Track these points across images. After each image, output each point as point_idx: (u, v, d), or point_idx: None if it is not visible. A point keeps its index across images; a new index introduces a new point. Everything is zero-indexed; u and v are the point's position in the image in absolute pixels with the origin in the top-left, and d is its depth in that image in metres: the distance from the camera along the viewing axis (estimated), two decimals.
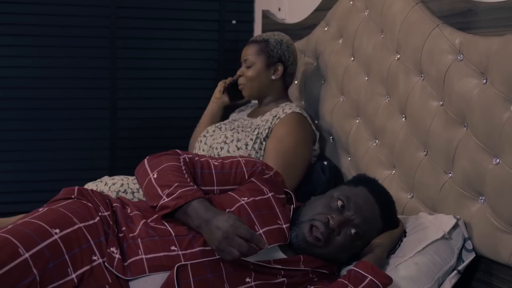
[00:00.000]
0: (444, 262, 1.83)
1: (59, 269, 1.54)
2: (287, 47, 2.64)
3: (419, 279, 1.78)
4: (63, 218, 1.64)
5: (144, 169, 1.89)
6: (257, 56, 2.62)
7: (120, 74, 3.33)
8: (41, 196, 3.07)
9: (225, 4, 3.47)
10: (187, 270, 1.64)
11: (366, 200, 1.83)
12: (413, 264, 1.80)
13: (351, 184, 1.90)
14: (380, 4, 2.35)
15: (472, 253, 1.87)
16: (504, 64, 1.74)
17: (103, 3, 3.27)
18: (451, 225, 1.86)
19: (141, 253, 1.65)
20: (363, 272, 1.71)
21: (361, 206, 1.81)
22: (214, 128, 2.65)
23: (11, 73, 3.17)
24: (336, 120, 2.59)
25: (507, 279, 1.78)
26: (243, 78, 2.66)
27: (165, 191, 1.77)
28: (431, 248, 1.84)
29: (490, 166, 1.79)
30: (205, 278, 1.65)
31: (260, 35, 2.70)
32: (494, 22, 1.84)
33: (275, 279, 1.73)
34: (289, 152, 2.46)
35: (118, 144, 3.36)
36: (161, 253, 1.66)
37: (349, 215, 1.80)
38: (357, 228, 1.80)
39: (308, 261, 1.80)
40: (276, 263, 1.75)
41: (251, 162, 1.95)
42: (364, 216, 1.81)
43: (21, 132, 3.21)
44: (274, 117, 2.54)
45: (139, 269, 1.63)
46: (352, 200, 1.81)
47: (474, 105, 1.85)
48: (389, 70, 2.26)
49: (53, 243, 1.56)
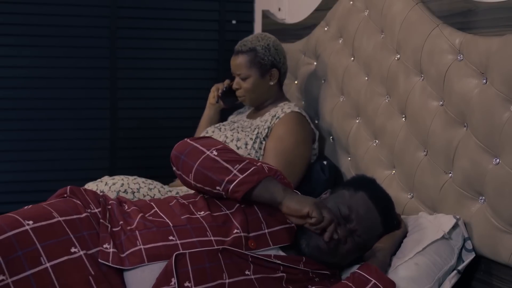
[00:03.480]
0: (444, 262, 1.82)
1: (29, 257, 1.53)
2: (275, 50, 2.61)
3: (420, 279, 1.78)
4: (40, 212, 1.64)
5: (195, 147, 1.85)
6: (249, 68, 2.59)
7: (120, 74, 3.33)
8: (41, 196, 3.05)
9: (225, 4, 3.47)
10: (185, 259, 1.63)
11: (367, 208, 1.84)
12: (414, 264, 1.80)
13: (351, 189, 1.89)
14: (380, 4, 2.35)
15: (472, 253, 1.87)
16: (504, 64, 1.74)
17: (103, 3, 3.27)
18: (451, 225, 1.86)
19: (139, 244, 1.65)
20: (366, 275, 1.72)
21: (362, 216, 1.83)
22: (214, 129, 2.65)
23: (11, 73, 3.16)
24: (336, 120, 2.59)
25: (507, 279, 1.78)
26: (242, 90, 2.64)
27: (236, 166, 1.78)
28: (431, 248, 1.84)
29: (490, 166, 1.79)
30: (203, 267, 1.64)
31: (244, 43, 2.62)
32: (494, 22, 1.84)
33: (274, 273, 1.73)
34: (289, 152, 2.47)
35: (118, 144, 3.36)
36: (159, 243, 1.66)
37: (351, 227, 1.81)
38: (360, 238, 1.81)
39: (309, 263, 1.80)
40: (276, 259, 1.75)
41: (272, 170, 1.91)
42: (366, 225, 1.82)
43: (21, 132, 3.21)
44: (273, 117, 2.54)
45: (138, 259, 1.62)
46: (354, 211, 1.82)
47: (474, 105, 1.85)
48: (389, 70, 2.26)
49: (23, 233, 1.56)
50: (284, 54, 2.66)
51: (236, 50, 2.64)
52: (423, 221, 1.94)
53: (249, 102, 2.69)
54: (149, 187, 2.38)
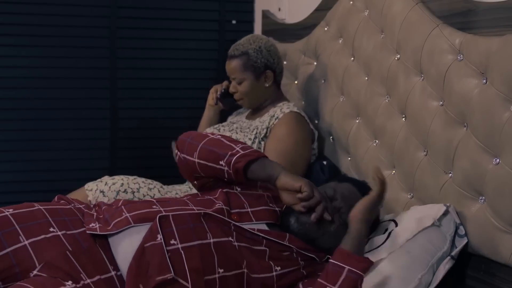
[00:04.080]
0: (437, 249, 1.84)
1: (8, 236, 1.63)
2: (267, 51, 2.61)
3: (413, 266, 1.79)
4: (23, 204, 1.75)
5: (200, 133, 2.01)
6: (243, 72, 2.59)
7: (120, 74, 3.33)
8: (41, 196, 3.06)
9: (225, 4, 3.46)
10: (169, 220, 1.71)
11: (350, 190, 1.93)
12: (406, 252, 1.82)
13: (336, 181, 1.99)
14: (380, 4, 2.35)
15: (465, 239, 1.88)
16: (504, 64, 1.74)
17: (103, 3, 3.27)
18: (441, 212, 1.88)
19: (124, 214, 1.75)
20: (339, 264, 1.67)
21: (346, 195, 1.90)
22: (213, 130, 2.66)
23: (11, 73, 3.16)
24: (336, 120, 2.59)
25: (507, 279, 1.78)
26: (239, 94, 2.65)
27: (238, 145, 1.90)
28: (422, 236, 1.85)
29: (490, 166, 1.79)
30: (187, 227, 1.71)
31: (237, 48, 2.62)
32: (494, 22, 1.84)
33: (257, 246, 1.77)
34: (290, 152, 2.47)
35: (118, 144, 3.36)
36: (144, 210, 1.76)
37: (336, 204, 1.87)
38: (345, 215, 1.83)
39: (294, 240, 1.83)
40: (260, 232, 1.80)
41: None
42: (351, 205, 1.83)
43: (21, 132, 3.21)
44: (272, 117, 2.55)
45: (124, 222, 1.71)
46: (339, 192, 1.90)
47: (474, 105, 1.85)
48: (389, 70, 2.26)
49: (3, 217, 1.67)
50: (278, 54, 2.66)
51: (229, 54, 2.65)
52: (414, 212, 1.97)
53: (248, 105, 2.69)
54: (149, 187, 2.38)
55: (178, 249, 1.67)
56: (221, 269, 1.69)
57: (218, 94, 2.79)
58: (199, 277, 1.66)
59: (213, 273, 1.68)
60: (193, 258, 1.67)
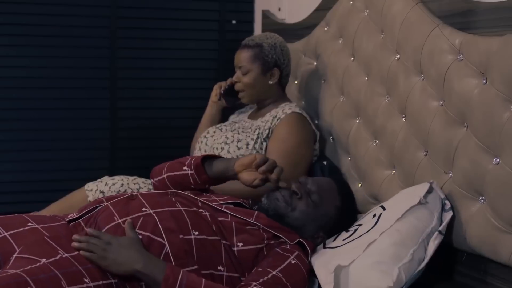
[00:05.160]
0: (425, 225, 1.87)
1: None
2: (281, 50, 2.62)
3: (404, 243, 1.82)
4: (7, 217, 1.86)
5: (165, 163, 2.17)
6: (252, 62, 2.60)
7: (120, 74, 3.33)
8: (41, 196, 3.08)
9: (225, 4, 3.46)
10: (138, 198, 1.87)
11: (327, 180, 2.06)
12: (395, 231, 1.85)
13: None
14: (380, 4, 2.35)
15: (450, 212, 1.91)
16: (504, 64, 1.74)
17: (103, 3, 3.26)
18: (425, 190, 1.92)
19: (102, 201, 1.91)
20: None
21: (319, 181, 2.03)
22: (215, 129, 2.65)
23: (11, 73, 3.16)
24: (336, 120, 2.59)
25: (507, 279, 1.78)
26: (241, 84, 2.64)
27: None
28: (410, 215, 1.88)
29: (490, 166, 1.79)
30: (156, 200, 1.87)
31: (252, 39, 2.65)
32: (494, 22, 1.85)
33: (223, 217, 1.88)
34: (292, 152, 2.47)
35: (118, 144, 3.36)
36: (118, 196, 1.92)
37: (307, 187, 1.99)
38: (315, 195, 1.97)
39: (261, 218, 1.91)
40: (226, 209, 1.91)
41: None
42: (322, 189, 1.99)
43: (21, 132, 3.21)
44: (274, 117, 2.54)
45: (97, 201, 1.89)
46: (315, 179, 2.04)
47: (474, 105, 1.85)
48: (389, 70, 2.26)
49: None
50: (289, 57, 2.66)
51: (243, 44, 2.66)
52: (400, 194, 2.02)
53: (247, 99, 2.68)
54: (149, 187, 2.38)
55: (150, 213, 1.80)
56: (196, 232, 1.79)
57: (221, 90, 2.79)
58: (174, 235, 1.76)
59: (189, 234, 1.77)
60: (166, 219, 1.79)
